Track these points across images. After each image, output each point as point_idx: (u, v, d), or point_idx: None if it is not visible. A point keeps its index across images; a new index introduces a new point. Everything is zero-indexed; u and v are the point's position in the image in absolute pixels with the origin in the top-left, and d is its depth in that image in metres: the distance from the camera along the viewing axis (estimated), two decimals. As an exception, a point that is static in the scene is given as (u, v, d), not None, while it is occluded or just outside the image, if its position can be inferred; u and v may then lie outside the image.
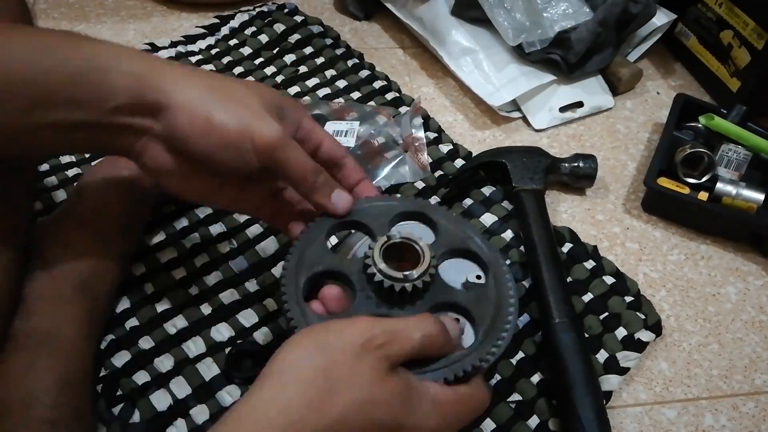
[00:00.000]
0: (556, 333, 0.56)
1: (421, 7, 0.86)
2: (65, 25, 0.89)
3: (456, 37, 0.83)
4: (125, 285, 0.60)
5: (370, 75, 0.84)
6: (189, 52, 0.85)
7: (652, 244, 0.70)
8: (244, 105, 0.43)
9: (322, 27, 0.90)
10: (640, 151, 0.79)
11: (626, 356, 0.58)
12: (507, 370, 0.57)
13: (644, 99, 0.86)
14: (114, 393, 0.53)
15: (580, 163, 0.71)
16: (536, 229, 0.64)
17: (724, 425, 0.57)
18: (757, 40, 0.77)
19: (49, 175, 0.69)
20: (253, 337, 0.58)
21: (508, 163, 0.69)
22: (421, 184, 0.71)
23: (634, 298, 0.63)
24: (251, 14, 0.91)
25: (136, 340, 0.57)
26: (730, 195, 0.68)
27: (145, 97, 0.42)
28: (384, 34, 0.93)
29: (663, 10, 0.87)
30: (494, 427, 0.54)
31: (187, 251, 0.63)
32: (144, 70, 0.42)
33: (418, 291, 0.44)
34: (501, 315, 0.45)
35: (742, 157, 0.71)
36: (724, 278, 0.67)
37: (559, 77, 0.82)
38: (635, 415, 0.57)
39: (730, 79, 0.82)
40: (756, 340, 0.62)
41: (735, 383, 0.59)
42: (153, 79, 0.42)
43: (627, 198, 0.74)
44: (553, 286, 0.59)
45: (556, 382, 0.54)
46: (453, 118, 0.82)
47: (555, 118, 0.81)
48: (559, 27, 0.82)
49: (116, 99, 0.42)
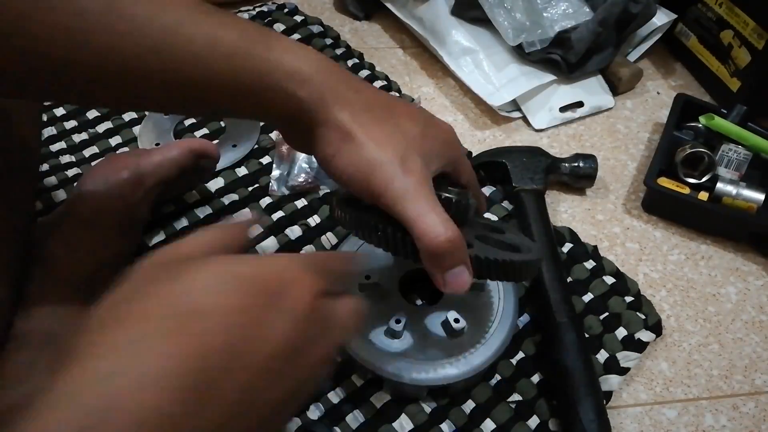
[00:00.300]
0: (556, 333, 0.56)
1: (421, 7, 0.86)
2: (65, 24, 0.89)
3: (456, 36, 0.83)
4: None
5: (370, 75, 0.84)
6: (189, 52, 0.85)
7: (653, 244, 0.70)
8: (385, 150, 0.40)
9: (322, 27, 0.90)
10: (640, 151, 0.79)
11: (626, 356, 0.58)
12: (507, 370, 0.57)
13: (644, 99, 0.86)
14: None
15: (581, 163, 0.71)
16: (536, 229, 0.64)
17: (725, 425, 0.57)
18: (757, 40, 0.77)
19: (49, 175, 0.69)
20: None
21: (508, 163, 0.69)
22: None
23: (634, 298, 0.63)
24: (251, 14, 0.91)
25: (136, 340, 0.57)
26: (730, 195, 0.68)
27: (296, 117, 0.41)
28: (384, 34, 0.93)
29: (663, 9, 0.87)
30: (494, 427, 0.54)
31: (187, 251, 0.63)
32: (306, 91, 0.40)
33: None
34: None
35: (743, 157, 0.71)
36: (725, 278, 0.67)
37: (559, 77, 0.82)
38: (635, 415, 0.57)
39: (731, 79, 0.82)
40: (756, 340, 0.62)
41: (735, 383, 0.59)
42: (313, 103, 0.41)
43: (627, 198, 0.74)
44: (553, 286, 0.59)
45: (556, 382, 0.54)
46: (453, 118, 0.82)
47: (555, 118, 0.81)
48: (559, 27, 0.82)
49: (271, 119, 0.41)
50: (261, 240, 0.65)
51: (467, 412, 0.54)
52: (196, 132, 0.75)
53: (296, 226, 0.66)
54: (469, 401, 0.55)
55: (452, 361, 0.51)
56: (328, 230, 0.66)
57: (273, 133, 0.75)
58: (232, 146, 0.73)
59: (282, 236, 0.65)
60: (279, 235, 0.65)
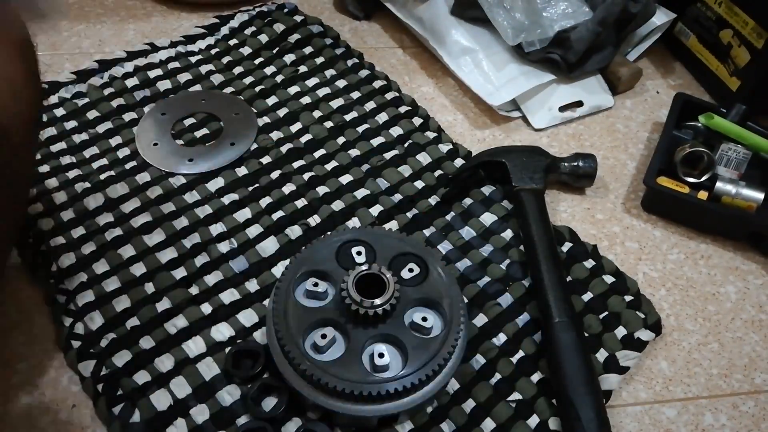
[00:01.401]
0: (555, 332, 0.56)
1: (420, 7, 0.87)
2: (65, 25, 0.89)
3: (455, 36, 0.83)
4: (125, 284, 0.60)
5: (370, 75, 0.84)
6: (189, 52, 0.85)
7: (652, 243, 0.70)
8: None
9: (322, 27, 0.90)
10: (639, 151, 0.79)
11: (626, 355, 0.58)
12: (507, 369, 0.57)
13: (644, 98, 0.86)
14: (114, 393, 0.54)
15: (580, 162, 0.71)
16: (536, 228, 0.64)
17: (724, 424, 0.57)
18: (756, 39, 0.77)
19: (50, 176, 0.69)
20: (253, 337, 0.58)
21: (507, 163, 0.69)
22: (421, 184, 0.71)
23: (633, 298, 0.63)
24: (251, 14, 0.91)
25: (136, 340, 0.57)
26: (729, 194, 0.68)
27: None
28: (384, 34, 0.93)
29: (662, 9, 0.87)
30: (494, 426, 0.54)
31: (187, 251, 0.63)
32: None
33: (388, 311, 0.52)
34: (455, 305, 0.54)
35: (742, 157, 0.71)
36: (724, 277, 0.67)
37: (559, 77, 0.82)
38: (635, 414, 0.57)
39: (730, 78, 0.82)
40: (756, 339, 0.62)
41: (735, 382, 0.59)
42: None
43: (627, 197, 0.74)
44: (553, 286, 0.59)
45: (556, 381, 0.54)
46: (453, 117, 0.82)
47: (555, 117, 0.81)
48: (558, 26, 0.82)
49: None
50: (261, 240, 0.65)
51: (467, 411, 0.54)
52: (195, 132, 0.75)
53: (296, 226, 0.66)
54: (469, 400, 0.55)
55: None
56: (329, 230, 0.66)
57: (273, 132, 0.76)
58: (231, 144, 0.74)
59: (282, 236, 0.66)
60: (279, 235, 0.66)
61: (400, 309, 0.53)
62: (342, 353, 0.52)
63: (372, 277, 0.53)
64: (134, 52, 0.83)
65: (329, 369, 0.50)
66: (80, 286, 0.60)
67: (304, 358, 0.50)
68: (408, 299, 0.54)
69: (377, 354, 0.51)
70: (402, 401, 0.51)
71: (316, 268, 0.56)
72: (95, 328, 0.57)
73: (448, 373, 0.52)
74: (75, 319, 0.58)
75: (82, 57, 0.84)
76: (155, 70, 0.82)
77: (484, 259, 0.65)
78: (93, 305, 0.59)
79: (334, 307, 0.54)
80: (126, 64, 0.82)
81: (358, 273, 0.53)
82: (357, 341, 0.52)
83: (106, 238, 0.64)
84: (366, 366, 0.51)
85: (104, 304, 0.59)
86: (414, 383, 0.50)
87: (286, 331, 0.52)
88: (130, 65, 0.82)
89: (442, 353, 0.51)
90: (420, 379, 0.50)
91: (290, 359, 0.51)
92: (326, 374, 0.50)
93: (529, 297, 0.62)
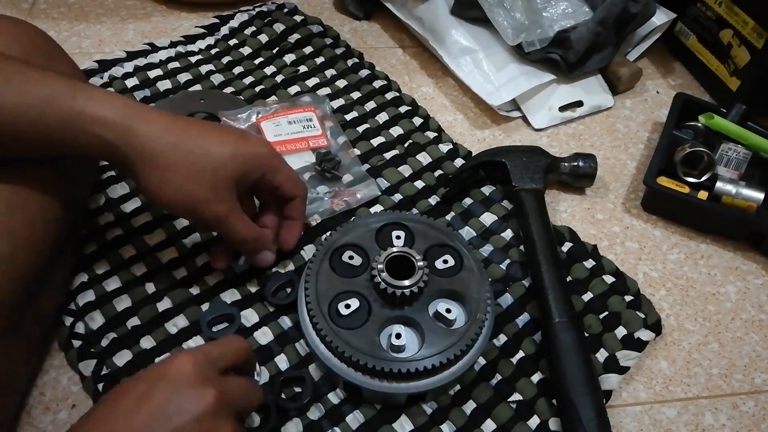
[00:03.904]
0: (556, 332, 0.56)
1: (420, 7, 0.86)
2: (65, 25, 0.89)
3: (455, 36, 0.83)
4: (127, 284, 0.60)
5: (370, 74, 0.84)
6: (189, 52, 0.85)
7: (652, 243, 0.70)
8: (197, 182, 0.50)
9: (322, 26, 0.90)
10: (639, 151, 0.79)
11: (626, 355, 0.58)
12: (507, 370, 0.57)
13: (644, 98, 0.86)
14: (115, 393, 0.54)
15: (580, 162, 0.71)
16: (536, 228, 0.64)
17: (724, 424, 0.57)
18: (756, 39, 0.77)
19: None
20: (253, 336, 0.58)
21: (507, 163, 0.69)
22: (421, 184, 0.71)
23: (633, 298, 0.63)
24: (251, 14, 0.91)
25: (137, 340, 0.57)
26: (729, 194, 0.68)
27: (114, 157, 0.48)
28: (384, 34, 0.93)
29: (662, 9, 0.87)
30: (495, 427, 0.54)
31: (188, 251, 0.63)
32: (112, 133, 0.47)
33: (415, 294, 0.53)
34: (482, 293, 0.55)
35: (742, 156, 0.71)
36: (724, 277, 0.67)
37: (559, 77, 0.82)
38: (635, 414, 0.57)
39: (730, 78, 0.82)
40: (756, 339, 0.62)
41: (735, 382, 0.59)
42: (120, 142, 0.47)
43: (627, 197, 0.74)
44: (553, 286, 0.59)
45: (556, 381, 0.54)
46: (452, 117, 0.82)
47: (555, 117, 0.81)
48: (558, 26, 0.82)
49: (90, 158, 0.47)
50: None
51: (468, 413, 0.54)
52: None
53: (296, 226, 0.66)
54: (469, 401, 0.55)
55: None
56: (329, 230, 0.66)
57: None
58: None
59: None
60: (279, 235, 0.66)
61: (427, 296, 0.55)
62: (360, 325, 0.53)
63: (403, 259, 0.55)
64: (134, 52, 0.83)
65: (343, 335, 0.52)
66: (81, 286, 0.60)
67: (322, 317, 0.53)
68: (436, 288, 0.55)
69: (395, 334, 0.52)
70: (427, 380, 0.52)
71: (356, 243, 0.58)
72: (96, 328, 0.57)
73: (473, 356, 0.54)
74: (75, 319, 0.58)
75: (82, 57, 0.84)
76: (155, 70, 0.82)
77: (484, 259, 0.65)
78: (93, 305, 0.59)
79: (364, 283, 0.55)
80: (126, 64, 0.82)
81: (390, 253, 0.55)
82: (378, 318, 0.53)
83: (107, 238, 0.64)
84: (382, 343, 0.52)
85: (105, 304, 0.59)
86: (435, 365, 0.51)
87: (314, 291, 0.54)
88: (130, 65, 0.81)
89: (461, 343, 0.52)
90: (441, 362, 0.51)
91: (311, 317, 0.53)
92: (338, 338, 0.51)
93: (529, 297, 0.62)
